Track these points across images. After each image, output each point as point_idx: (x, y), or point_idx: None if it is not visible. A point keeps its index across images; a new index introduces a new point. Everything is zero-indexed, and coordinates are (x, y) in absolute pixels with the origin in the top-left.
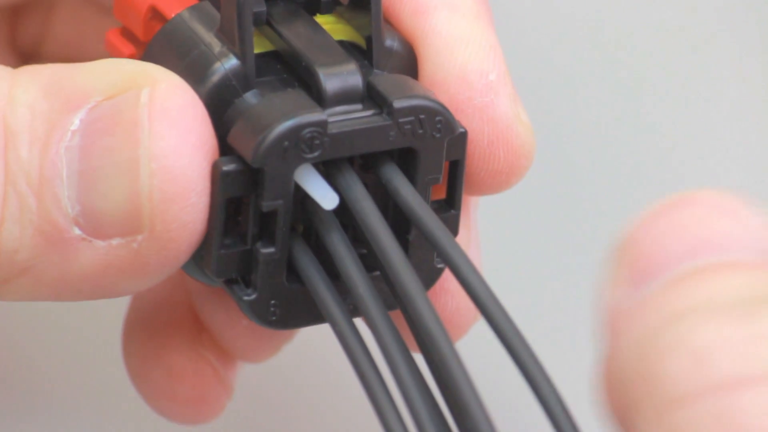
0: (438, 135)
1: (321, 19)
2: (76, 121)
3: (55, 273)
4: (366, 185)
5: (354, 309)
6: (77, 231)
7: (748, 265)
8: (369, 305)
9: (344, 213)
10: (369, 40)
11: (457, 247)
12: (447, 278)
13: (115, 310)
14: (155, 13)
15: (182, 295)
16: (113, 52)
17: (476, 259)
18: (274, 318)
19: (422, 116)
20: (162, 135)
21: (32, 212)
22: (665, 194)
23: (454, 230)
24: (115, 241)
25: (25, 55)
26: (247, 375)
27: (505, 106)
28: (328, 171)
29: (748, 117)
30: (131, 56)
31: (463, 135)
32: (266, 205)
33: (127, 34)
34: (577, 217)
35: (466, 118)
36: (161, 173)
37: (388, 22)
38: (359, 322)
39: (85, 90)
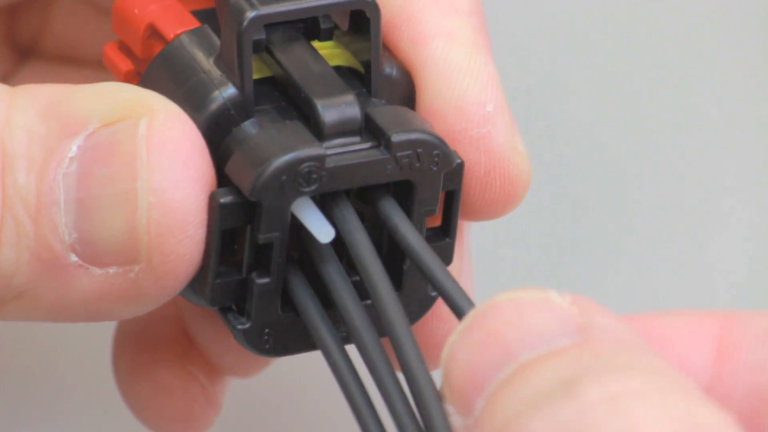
0: (435, 168)
1: (319, 44)
2: (74, 148)
3: (51, 298)
4: (362, 215)
5: (347, 337)
6: (74, 258)
7: (561, 349)
8: (363, 336)
9: (340, 241)
10: (367, 66)
11: (452, 279)
12: (439, 304)
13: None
14: (153, 32)
15: (172, 311)
16: (111, 67)
17: (468, 285)
18: (267, 346)
19: (420, 150)
20: (160, 168)
21: (29, 238)
22: (665, 197)
23: (449, 258)
24: (112, 270)
25: (23, 52)
26: (240, 384)
27: (502, 137)
28: (324, 202)
29: (748, 117)
30: (129, 72)
31: (460, 166)
32: (262, 237)
33: (125, 49)
34: (575, 222)
35: (462, 148)
36: (159, 207)
37: (386, 49)
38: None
39: (83, 115)
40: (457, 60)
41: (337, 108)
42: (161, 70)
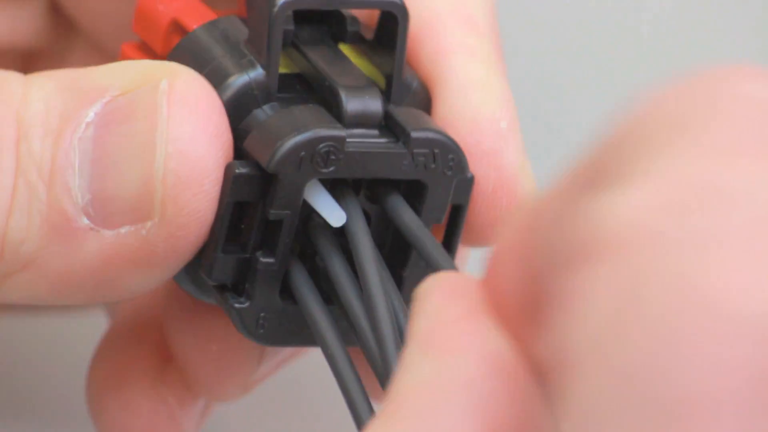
0: (449, 172)
1: (345, 48)
2: (91, 114)
3: (58, 265)
4: (368, 216)
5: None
6: (85, 221)
7: None
8: (367, 332)
9: (345, 239)
10: (389, 77)
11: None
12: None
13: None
14: (176, 27)
15: (153, 330)
16: None
17: None
18: (261, 331)
19: (436, 150)
20: (180, 120)
21: (41, 202)
22: None
23: None
24: (123, 230)
25: None
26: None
27: (513, 155)
28: (333, 194)
29: None
30: None
31: (470, 180)
32: (273, 213)
33: (144, 47)
34: None
35: (473, 162)
36: (177, 156)
37: (407, 62)
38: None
39: (101, 85)
40: (475, 75)
41: (361, 99)
42: (183, 55)
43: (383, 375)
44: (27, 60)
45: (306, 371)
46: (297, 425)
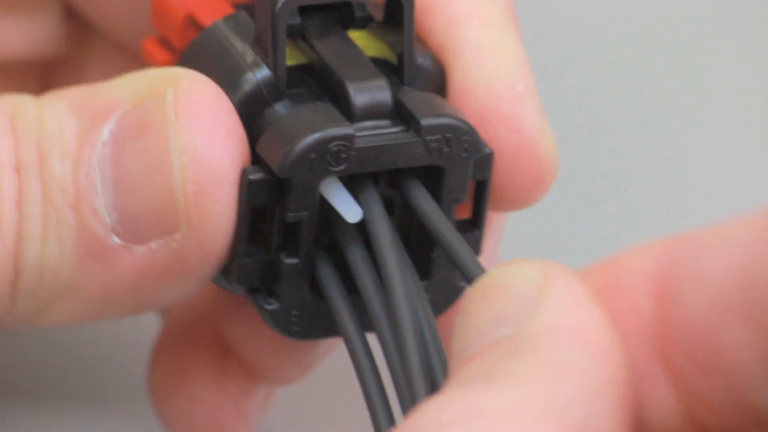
0: (464, 154)
1: (354, 35)
2: (106, 132)
3: (98, 286)
4: (391, 202)
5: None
6: (116, 239)
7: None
8: (382, 322)
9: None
10: (401, 57)
11: (479, 266)
12: None
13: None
14: (192, 22)
15: (209, 324)
16: (149, 60)
17: None
18: (295, 329)
19: (449, 135)
20: (190, 128)
21: (71, 226)
22: (667, 197)
23: (477, 250)
24: (154, 244)
25: None
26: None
27: (532, 117)
28: (352, 186)
29: (750, 118)
30: (167, 64)
31: (490, 155)
32: (291, 216)
33: (164, 41)
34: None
35: (492, 127)
36: (193, 165)
37: (419, 38)
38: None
39: (111, 102)
40: (489, 41)
41: (369, 91)
42: (196, 55)
43: (400, 369)
44: (45, 69)
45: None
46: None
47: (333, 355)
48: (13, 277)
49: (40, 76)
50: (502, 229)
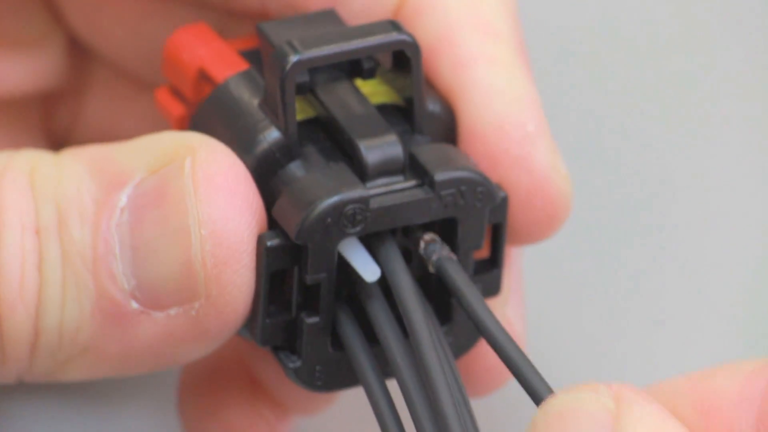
0: (479, 204)
1: (363, 82)
2: (124, 198)
3: (116, 348)
4: (409, 253)
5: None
6: (135, 305)
7: None
8: (403, 373)
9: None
10: (411, 103)
11: (526, 361)
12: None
13: None
14: (203, 75)
15: (237, 354)
16: (162, 112)
17: (519, 308)
18: (319, 383)
19: (463, 188)
20: (209, 201)
21: (90, 290)
22: (667, 198)
23: (497, 287)
24: (173, 311)
25: (58, 141)
26: None
27: (543, 156)
28: (370, 241)
29: (750, 119)
30: (180, 116)
31: (504, 200)
32: (310, 278)
33: (176, 91)
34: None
35: (504, 169)
36: (212, 239)
37: (428, 82)
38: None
39: (129, 167)
40: (497, 83)
41: (380, 148)
42: (210, 114)
43: (427, 416)
44: (47, 99)
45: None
46: None
47: None
48: (33, 338)
49: (42, 107)
50: (521, 265)
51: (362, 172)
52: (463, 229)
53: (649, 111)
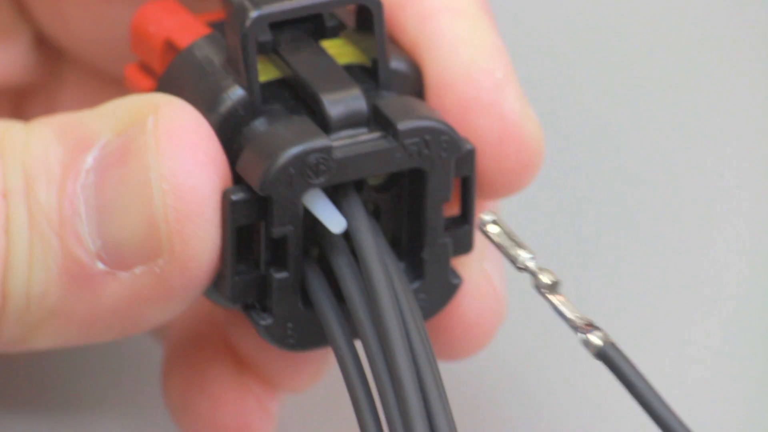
0: (445, 154)
1: (328, 44)
2: (90, 160)
3: (84, 311)
4: (380, 207)
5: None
6: (101, 266)
7: None
8: (368, 333)
9: None
10: (375, 61)
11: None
12: (467, 282)
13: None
14: (170, 46)
15: (220, 330)
16: (132, 87)
17: (497, 263)
18: (292, 341)
19: (427, 137)
20: (170, 155)
21: (56, 252)
22: (665, 196)
23: (470, 244)
24: (138, 270)
25: None
26: None
27: (513, 102)
28: (336, 195)
29: (750, 118)
30: (149, 89)
31: (472, 152)
32: (276, 231)
33: (145, 67)
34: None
35: (475, 116)
36: (174, 192)
37: (393, 39)
38: None
39: (95, 130)
40: (463, 32)
41: (343, 102)
42: (174, 79)
43: (388, 378)
44: (19, 96)
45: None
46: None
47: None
48: (1, 302)
49: (13, 104)
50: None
51: (325, 125)
52: (431, 180)
53: (649, 111)
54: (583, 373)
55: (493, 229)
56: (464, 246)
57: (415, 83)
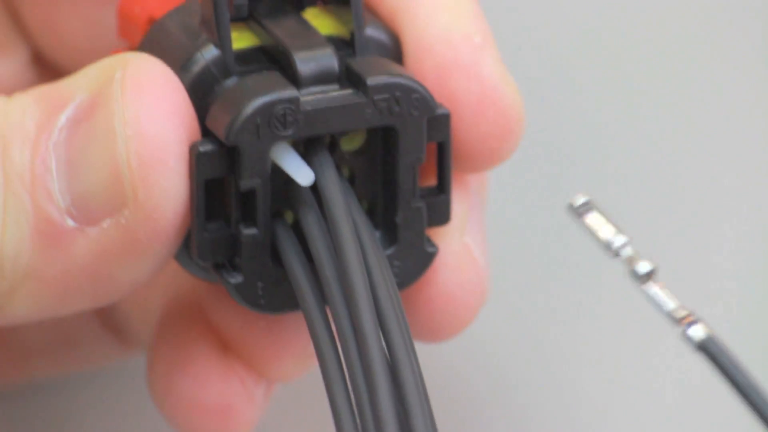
0: (416, 113)
1: (308, 14)
2: (63, 119)
3: (55, 271)
4: (355, 173)
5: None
6: (70, 222)
7: None
8: (334, 289)
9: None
10: (353, 33)
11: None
12: (447, 253)
13: None
14: (152, 22)
15: (203, 311)
16: None
17: (479, 237)
18: (263, 302)
19: (398, 93)
20: (134, 103)
21: (28, 211)
22: (665, 195)
23: (446, 216)
24: (105, 224)
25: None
26: None
27: (492, 66)
28: (307, 154)
29: (749, 118)
30: None
31: (446, 116)
32: (244, 183)
33: (130, 51)
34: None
35: (453, 79)
36: (137, 138)
37: (370, 8)
38: None
39: (70, 90)
40: None
41: (314, 59)
42: (149, 46)
43: (353, 339)
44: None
45: None
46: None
47: None
48: None
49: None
50: (485, 198)
51: (295, 81)
52: (402, 139)
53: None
54: (570, 369)
55: (584, 211)
56: (441, 216)
57: (393, 52)
